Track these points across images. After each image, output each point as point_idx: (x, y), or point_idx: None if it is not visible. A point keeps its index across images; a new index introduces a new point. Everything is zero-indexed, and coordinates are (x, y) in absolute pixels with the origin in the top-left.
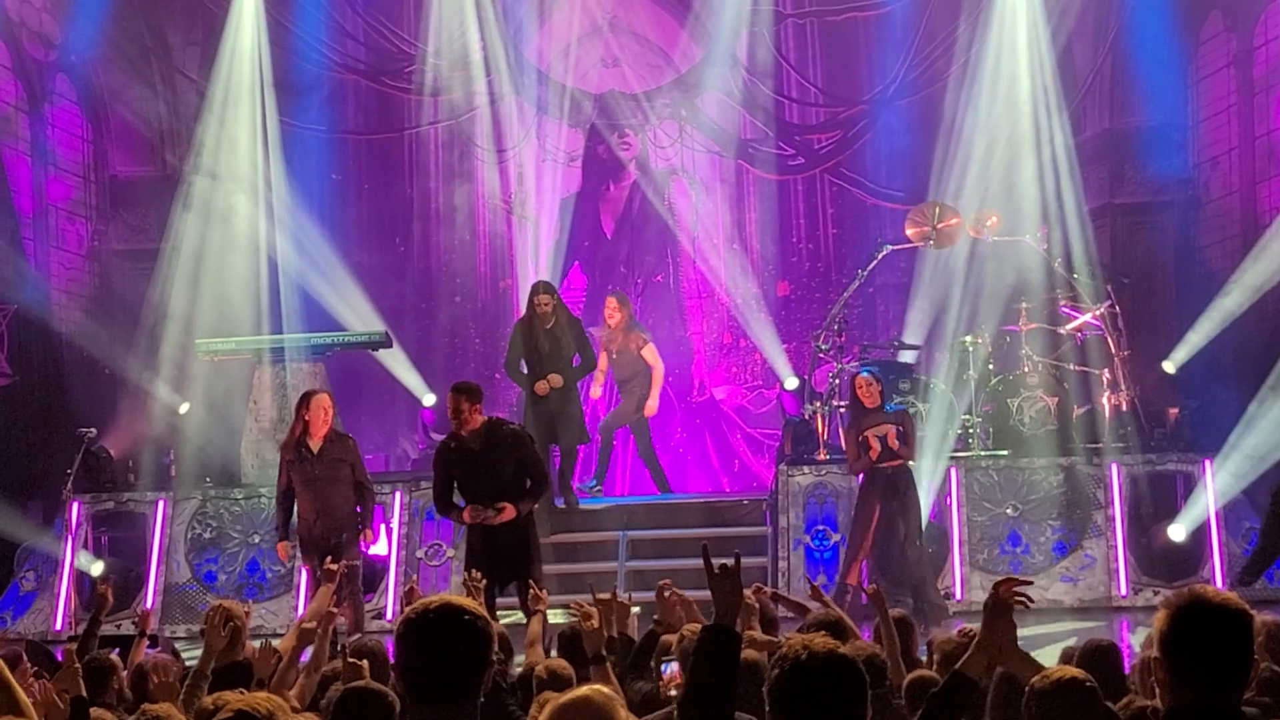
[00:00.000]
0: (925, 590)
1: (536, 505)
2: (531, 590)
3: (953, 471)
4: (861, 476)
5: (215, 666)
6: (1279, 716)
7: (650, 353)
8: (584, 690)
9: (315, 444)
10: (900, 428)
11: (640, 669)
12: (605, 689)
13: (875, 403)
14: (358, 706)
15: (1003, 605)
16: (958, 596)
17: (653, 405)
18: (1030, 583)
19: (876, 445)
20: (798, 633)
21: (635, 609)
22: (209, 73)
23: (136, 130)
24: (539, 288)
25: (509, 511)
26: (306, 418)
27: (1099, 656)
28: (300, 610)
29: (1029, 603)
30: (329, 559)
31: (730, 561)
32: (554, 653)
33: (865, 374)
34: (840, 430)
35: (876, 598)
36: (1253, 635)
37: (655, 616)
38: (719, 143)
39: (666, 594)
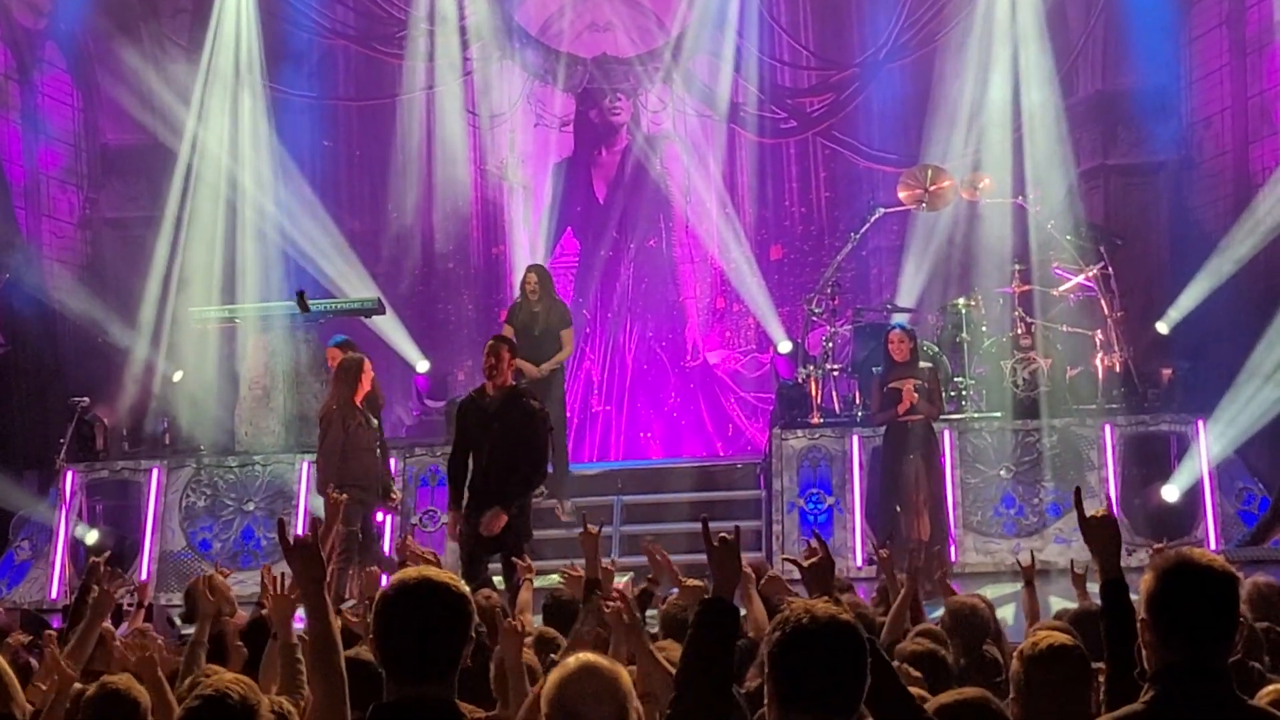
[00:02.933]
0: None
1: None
2: (516, 562)
3: (946, 434)
4: (885, 431)
5: (210, 633)
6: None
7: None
8: (588, 657)
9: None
10: (924, 384)
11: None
12: (604, 659)
13: (904, 358)
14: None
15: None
16: (952, 559)
17: None
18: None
19: (912, 397)
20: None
21: (626, 575)
22: (199, 40)
23: (127, 98)
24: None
25: (499, 522)
26: (365, 382)
27: (1091, 622)
28: None
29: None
30: (331, 489)
31: (729, 534)
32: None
33: (898, 329)
34: (833, 393)
35: (886, 563)
36: (1238, 596)
37: (649, 576)
38: (711, 107)
39: (657, 556)
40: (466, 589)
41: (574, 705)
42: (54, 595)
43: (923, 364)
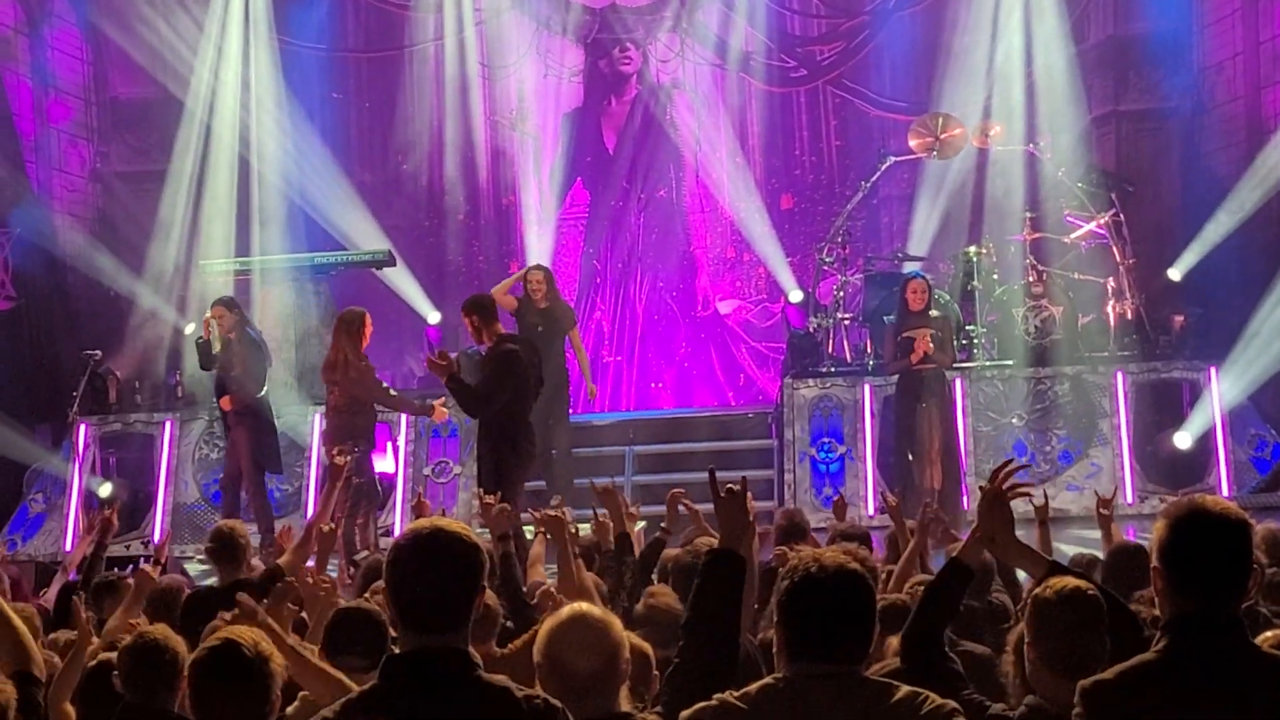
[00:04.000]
0: (946, 503)
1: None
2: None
3: (958, 382)
4: (897, 379)
5: (222, 584)
6: None
7: None
8: (579, 607)
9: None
10: (937, 333)
11: (646, 577)
12: (596, 609)
13: (921, 307)
14: (352, 624)
15: (999, 495)
16: (964, 507)
17: None
18: (1026, 466)
19: (927, 346)
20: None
21: (641, 523)
22: None
23: (136, 51)
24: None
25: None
26: (368, 332)
27: (1128, 559)
28: None
29: (1028, 493)
30: (334, 450)
31: (736, 485)
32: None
33: (918, 278)
34: (845, 343)
35: (895, 511)
36: (1251, 544)
37: (662, 524)
38: (721, 56)
39: (680, 506)
40: (478, 539)
41: (561, 654)
42: (68, 548)
43: (934, 313)
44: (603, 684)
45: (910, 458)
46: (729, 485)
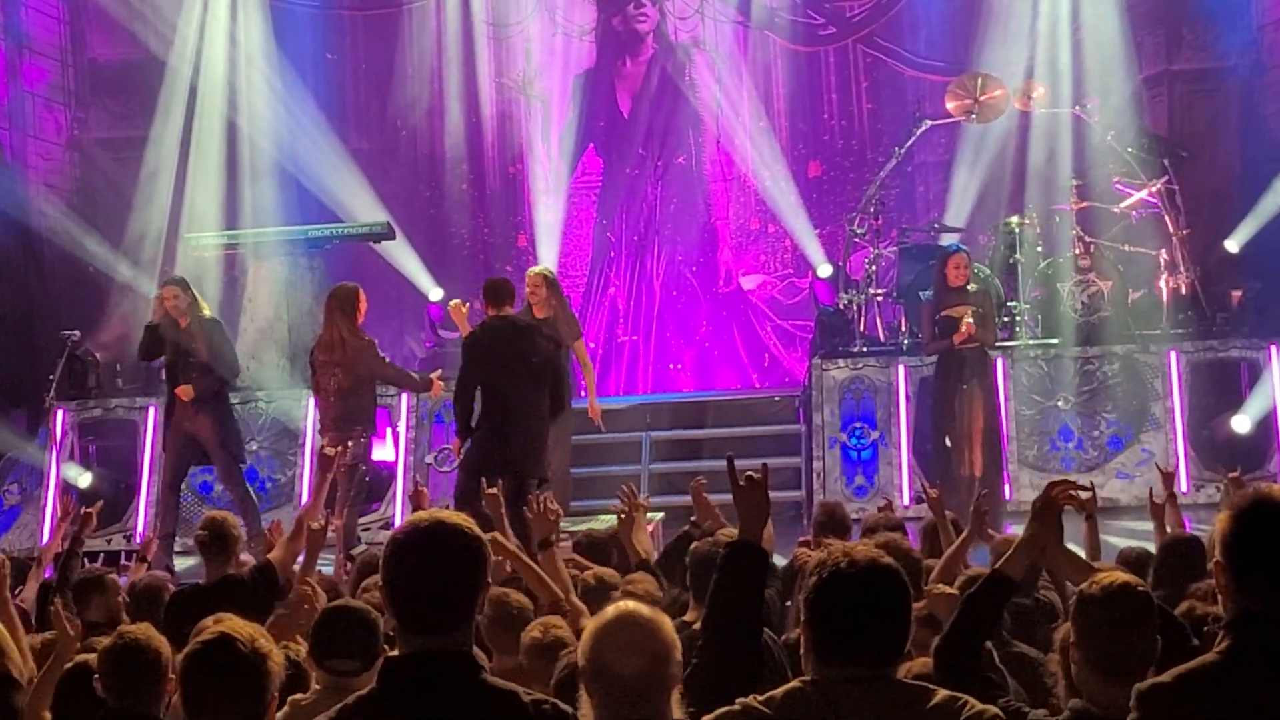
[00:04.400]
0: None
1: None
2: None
3: (999, 363)
4: (936, 360)
5: (209, 580)
6: None
7: None
8: (627, 606)
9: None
10: (979, 310)
11: (672, 573)
12: (646, 608)
13: (961, 283)
14: (342, 624)
15: (1051, 504)
16: (1006, 496)
17: None
18: (1087, 488)
19: (970, 329)
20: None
21: (658, 514)
22: None
23: (117, 9)
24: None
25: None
26: (363, 309)
27: (1181, 552)
28: None
29: (1085, 504)
30: (324, 444)
31: (756, 473)
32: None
33: (960, 251)
34: (877, 320)
35: (936, 503)
36: None
37: (692, 518)
38: (744, 12)
39: (704, 495)
40: (480, 532)
41: (606, 657)
42: (45, 542)
43: (972, 287)
44: (651, 688)
45: (948, 444)
46: (748, 473)
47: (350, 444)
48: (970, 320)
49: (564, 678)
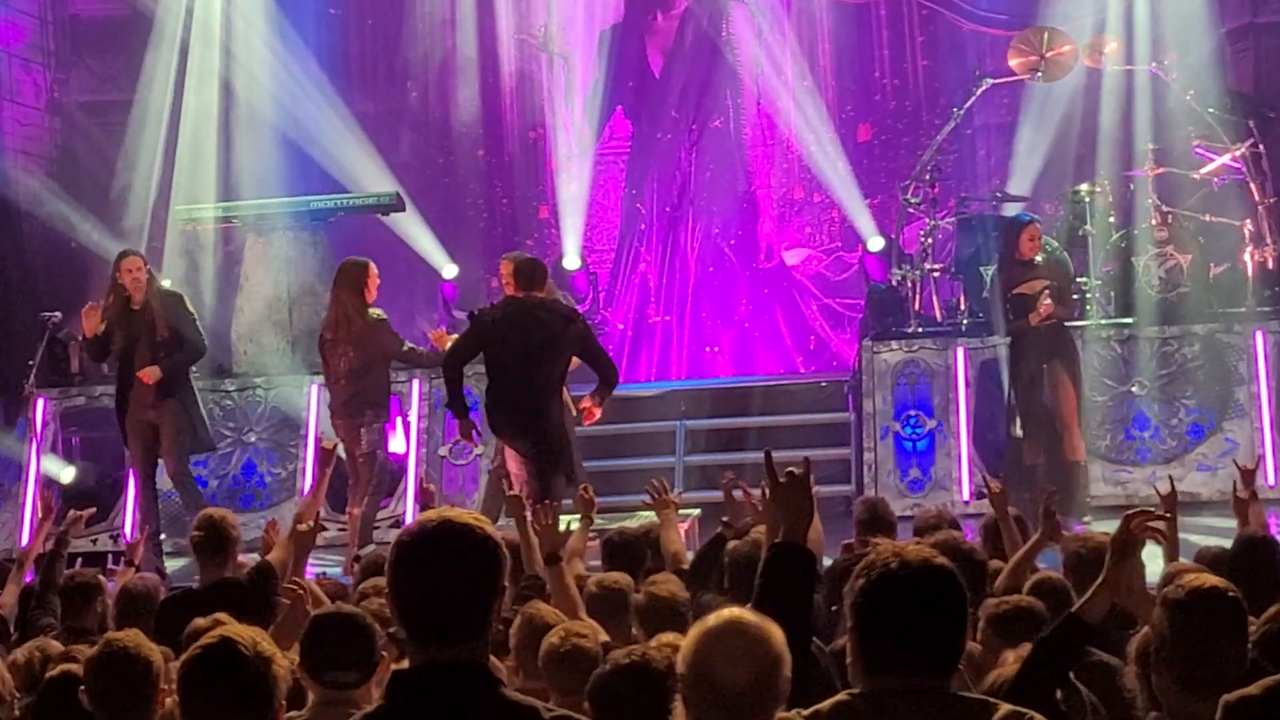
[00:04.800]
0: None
1: None
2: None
3: None
4: (1011, 342)
5: (204, 584)
6: None
7: None
8: (733, 613)
9: None
10: (1053, 283)
11: (705, 577)
12: (753, 614)
13: (1034, 255)
14: (337, 632)
15: (1132, 541)
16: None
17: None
18: (1166, 517)
19: (1049, 307)
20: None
21: (694, 511)
22: None
23: None
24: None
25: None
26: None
27: (1254, 554)
28: None
29: (1163, 537)
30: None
31: (798, 468)
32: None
33: (1034, 222)
34: (934, 298)
35: (999, 499)
36: None
37: (724, 518)
38: None
39: (734, 492)
40: (495, 532)
41: (710, 668)
42: (25, 544)
43: (1039, 259)
44: (758, 701)
45: (1019, 433)
46: (790, 469)
47: (364, 430)
48: (1048, 299)
49: (593, 692)
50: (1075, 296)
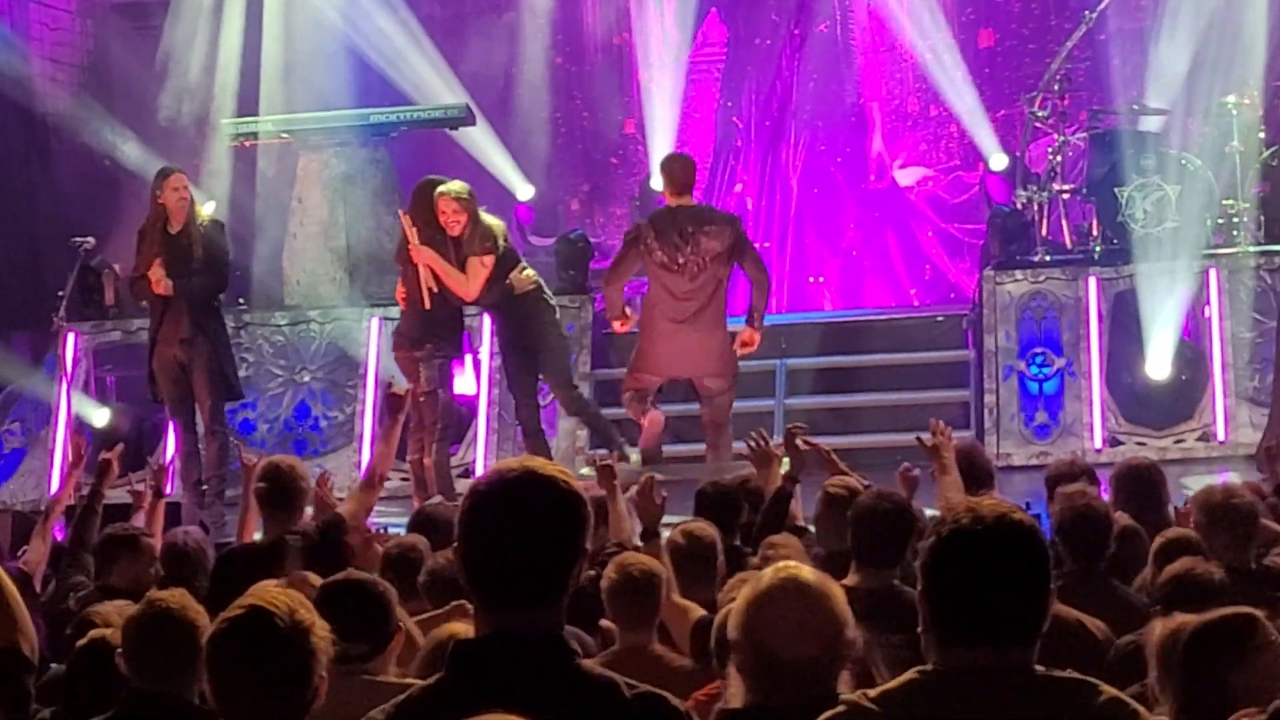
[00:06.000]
0: None
1: None
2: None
3: (1212, 273)
4: None
5: (269, 538)
6: None
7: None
8: (791, 570)
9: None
10: None
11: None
12: (812, 573)
13: None
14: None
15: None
16: (1220, 438)
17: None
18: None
19: None
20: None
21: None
22: None
23: None
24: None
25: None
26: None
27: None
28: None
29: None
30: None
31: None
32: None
33: None
34: (1063, 222)
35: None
36: None
37: (785, 473)
38: None
39: (797, 440)
40: (581, 487)
41: (765, 636)
42: (54, 493)
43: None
44: (819, 671)
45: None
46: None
47: (423, 365)
48: None
49: None
50: (1221, 221)
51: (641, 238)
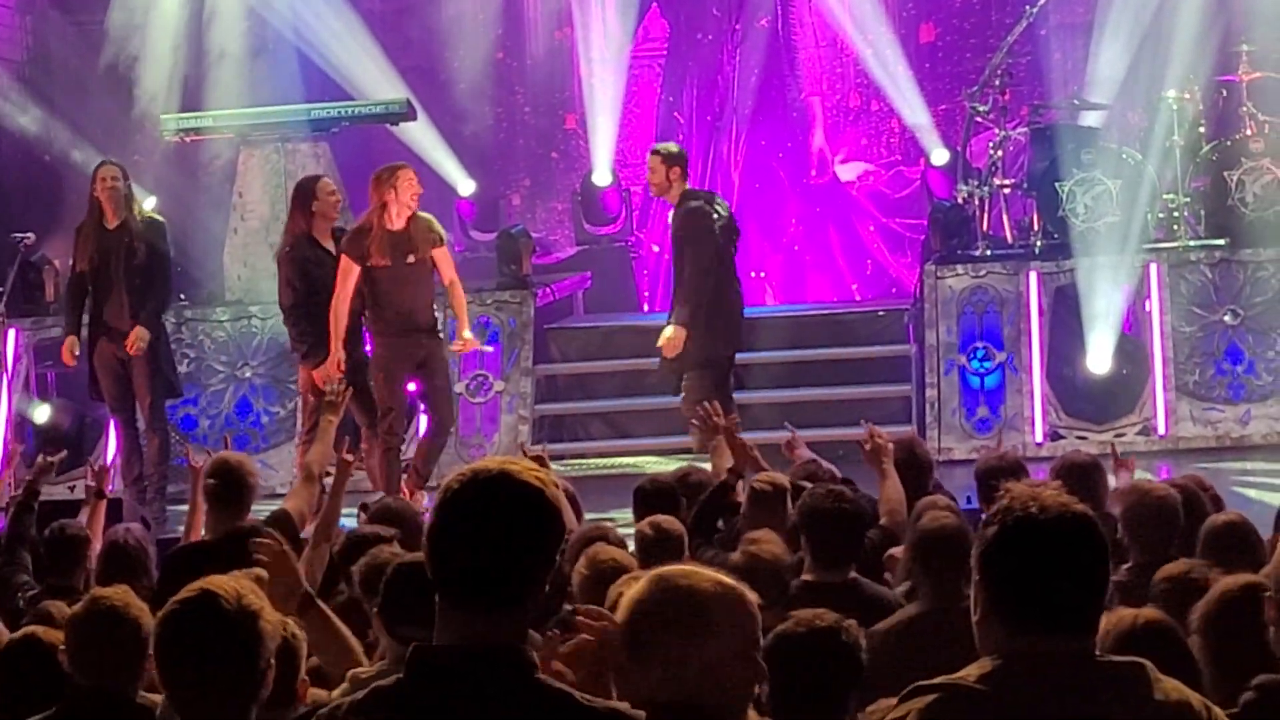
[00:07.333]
0: None
1: None
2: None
3: (1153, 268)
4: None
5: (216, 535)
6: None
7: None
8: (672, 572)
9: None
10: None
11: (707, 532)
12: (703, 569)
13: None
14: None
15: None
16: (1161, 431)
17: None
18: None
19: None
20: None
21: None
22: None
23: None
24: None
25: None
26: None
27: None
28: None
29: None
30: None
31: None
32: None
33: None
34: (1004, 217)
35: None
36: None
37: (730, 467)
38: None
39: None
40: (561, 497)
41: (649, 634)
42: None
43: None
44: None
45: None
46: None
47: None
48: None
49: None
50: (1162, 215)
51: None
